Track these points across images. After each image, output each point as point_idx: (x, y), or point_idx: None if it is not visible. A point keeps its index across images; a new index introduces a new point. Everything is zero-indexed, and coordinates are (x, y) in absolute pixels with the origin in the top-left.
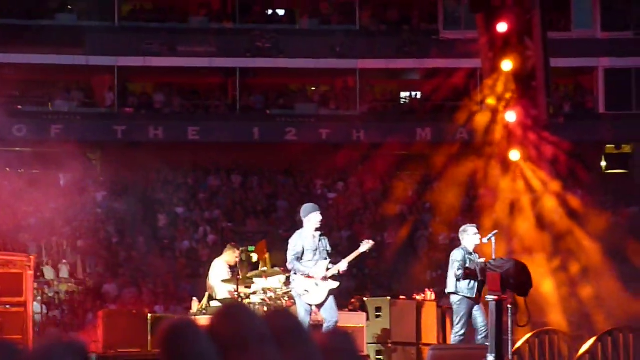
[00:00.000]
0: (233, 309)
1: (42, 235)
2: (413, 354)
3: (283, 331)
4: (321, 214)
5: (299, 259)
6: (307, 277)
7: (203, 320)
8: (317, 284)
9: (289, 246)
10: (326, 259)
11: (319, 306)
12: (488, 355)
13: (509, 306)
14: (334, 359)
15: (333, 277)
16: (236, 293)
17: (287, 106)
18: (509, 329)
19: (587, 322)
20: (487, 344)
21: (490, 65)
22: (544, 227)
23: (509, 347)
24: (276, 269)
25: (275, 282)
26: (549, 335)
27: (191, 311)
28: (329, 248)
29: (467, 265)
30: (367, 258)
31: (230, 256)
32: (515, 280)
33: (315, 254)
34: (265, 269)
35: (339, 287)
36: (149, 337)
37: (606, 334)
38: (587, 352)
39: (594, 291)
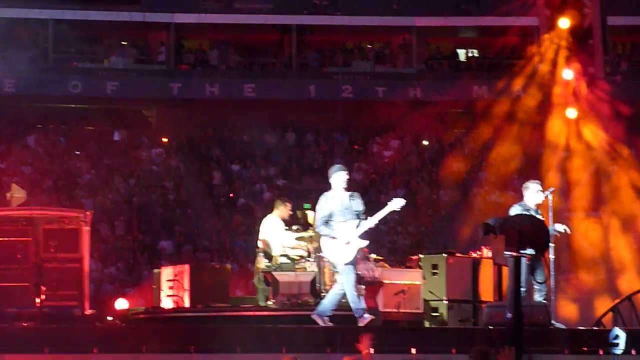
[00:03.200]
0: None
1: (97, 192)
2: (469, 311)
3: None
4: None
5: (327, 222)
6: (332, 238)
7: (281, 276)
8: (345, 244)
9: (316, 209)
10: (356, 218)
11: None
12: (506, 312)
13: (527, 263)
14: None
15: (362, 236)
16: (306, 252)
17: (344, 64)
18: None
19: None
20: (543, 301)
21: (547, 22)
22: (602, 184)
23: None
24: None
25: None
26: None
27: (257, 266)
28: (360, 208)
29: None
30: (422, 216)
31: (282, 211)
32: (532, 238)
33: (344, 215)
34: None
35: (395, 244)
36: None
37: None
38: None
39: None
